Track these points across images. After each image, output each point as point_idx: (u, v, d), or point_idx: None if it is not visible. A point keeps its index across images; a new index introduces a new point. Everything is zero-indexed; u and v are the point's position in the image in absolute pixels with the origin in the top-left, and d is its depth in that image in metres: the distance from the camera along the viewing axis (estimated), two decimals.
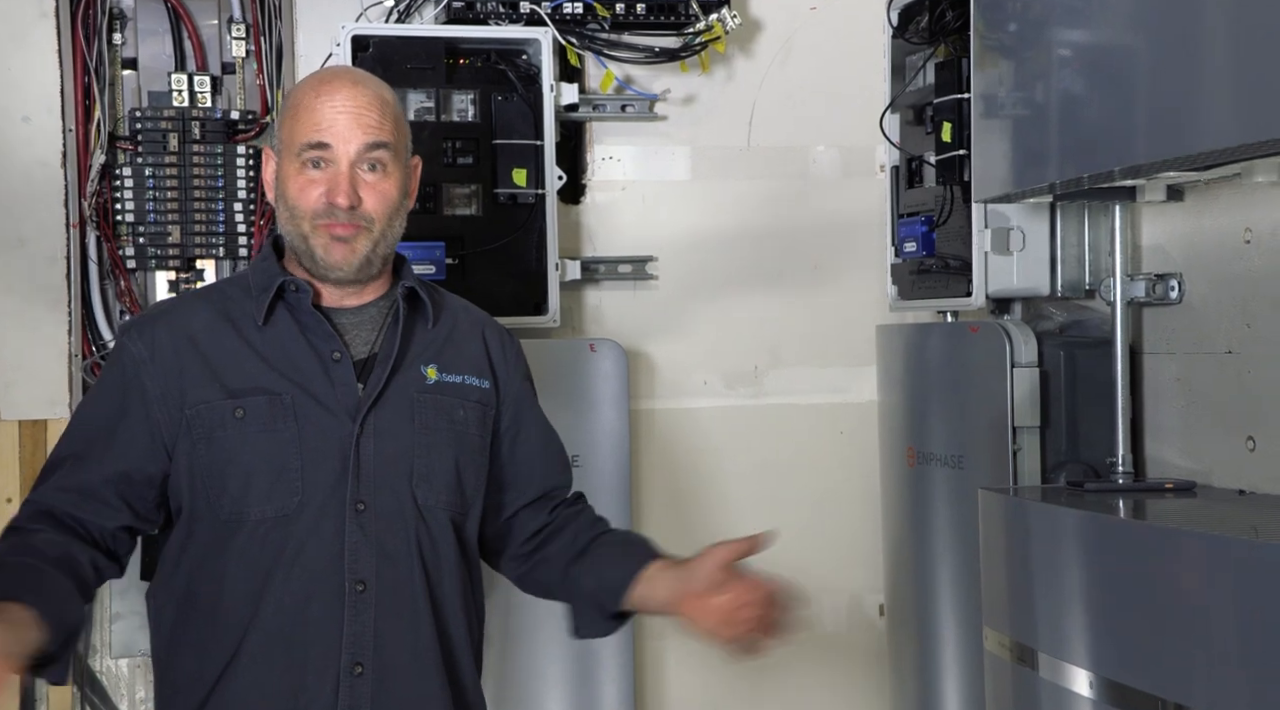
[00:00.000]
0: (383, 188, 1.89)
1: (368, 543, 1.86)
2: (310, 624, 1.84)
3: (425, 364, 1.95)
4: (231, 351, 1.88)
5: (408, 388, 1.92)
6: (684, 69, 3.08)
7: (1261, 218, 2.33)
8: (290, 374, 1.87)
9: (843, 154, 3.20)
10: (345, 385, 1.88)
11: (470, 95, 2.85)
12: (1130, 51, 2.16)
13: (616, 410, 2.90)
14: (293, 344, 1.89)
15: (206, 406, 1.85)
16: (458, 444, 1.95)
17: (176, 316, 1.92)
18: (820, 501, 3.19)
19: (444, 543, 1.93)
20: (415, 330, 1.96)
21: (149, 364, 1.87)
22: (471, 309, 2.08)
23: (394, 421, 1.90)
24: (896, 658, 3.10)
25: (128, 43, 2.94)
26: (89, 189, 2.85)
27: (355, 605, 1.85)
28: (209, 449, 1.85)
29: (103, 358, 2.85)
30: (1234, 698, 1.89)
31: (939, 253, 2.81)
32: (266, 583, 1.84)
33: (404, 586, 1.88)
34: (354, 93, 1.89)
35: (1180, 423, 2.52)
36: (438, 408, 1.94)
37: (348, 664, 1.84)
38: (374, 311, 1.95)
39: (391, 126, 1.90)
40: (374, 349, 1.92)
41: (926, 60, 2.86)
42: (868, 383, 3.19)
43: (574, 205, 3.09)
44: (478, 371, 2.00)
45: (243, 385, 1.86)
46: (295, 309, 1.90)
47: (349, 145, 1.86)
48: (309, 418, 1.85)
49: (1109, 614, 2.14)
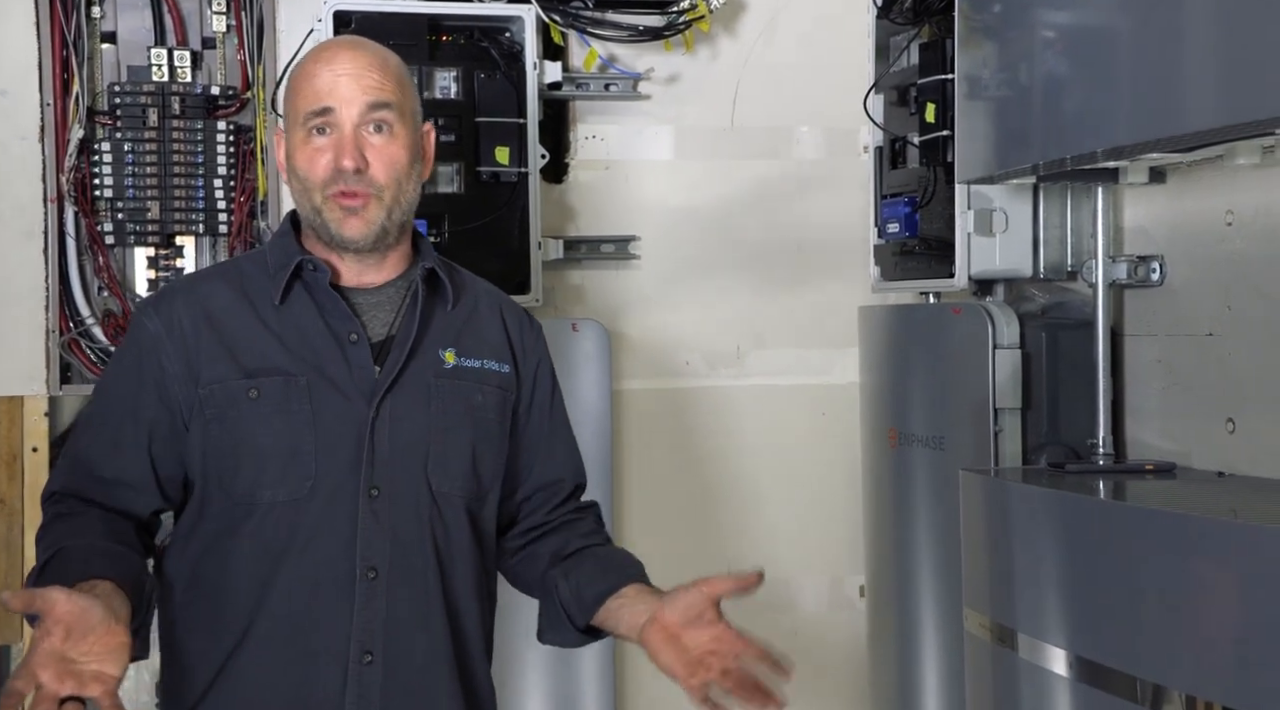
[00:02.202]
0: (390, 151, 1.84)
1: (380, 529, 1.82)
2: (320, 610, 1.80)
3: (444, 347, 1.90)
4: (247, 330, 1.84)
5: (425, 371, 1.88)
6: (668, 48, 3.07)
7: (1243, 200, 2.33)
8: (306, 355, 1.83)
9: (826, 134, 3.20)
10: (362, 368, 1.84)
11: (453, 73, 2.83)
12: (1113, 34, 2.16)
13: (599, 390, 2.90)
14: (309, 324, 1.85)
15: (220, 386, 1.82)
16: (475, 430, 1.91)
17: (194, 294, 1.88)
18: (802, 483, 3.19)
19: (458, 530, 1.89)
20: (434, 312, 1.91)
21: (166, 341, 1.83)
22: (492, 290, 2.04)
23: (410, 406, 1.85)
24: (877, 639, 3.11)
25: (107, 16, 2.91)
26: (67, 164, 2.82)
27: (366, 592, 1.81)
28: (221, 429, 1.82)
29: (80, 334, 2.84)
30: (1212, 678, 1.90)
31: (922, 234, 2.81)
32: (277, 567, 1.80)
33: (417, 574, 1.84)
34: (354, 55, 1.85)
35: (1161, 404, 2.53)
36: (455, 392, 1.89)
37: (357, 652, 1.80)
38: (392, 292, 1.90)
39: (394, 86, 1.85)
40: (392, 330, 1.88)
41: (910, 41, 2.85)
42: (850, 364, 3.20)
43: (557, 184, 3.08)
44: (497, 355, 1.95)
45: (258, 365, 1.82)
46: (313, 288, 1.86)
47: (351, 107, 1.82)
48: (324, 400, 1.81)
49: (1088, 595, 2.15)
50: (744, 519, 3.16)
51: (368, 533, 1.82)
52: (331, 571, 1.81)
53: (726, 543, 3.15)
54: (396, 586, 1.83)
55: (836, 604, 3.22)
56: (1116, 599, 2.07)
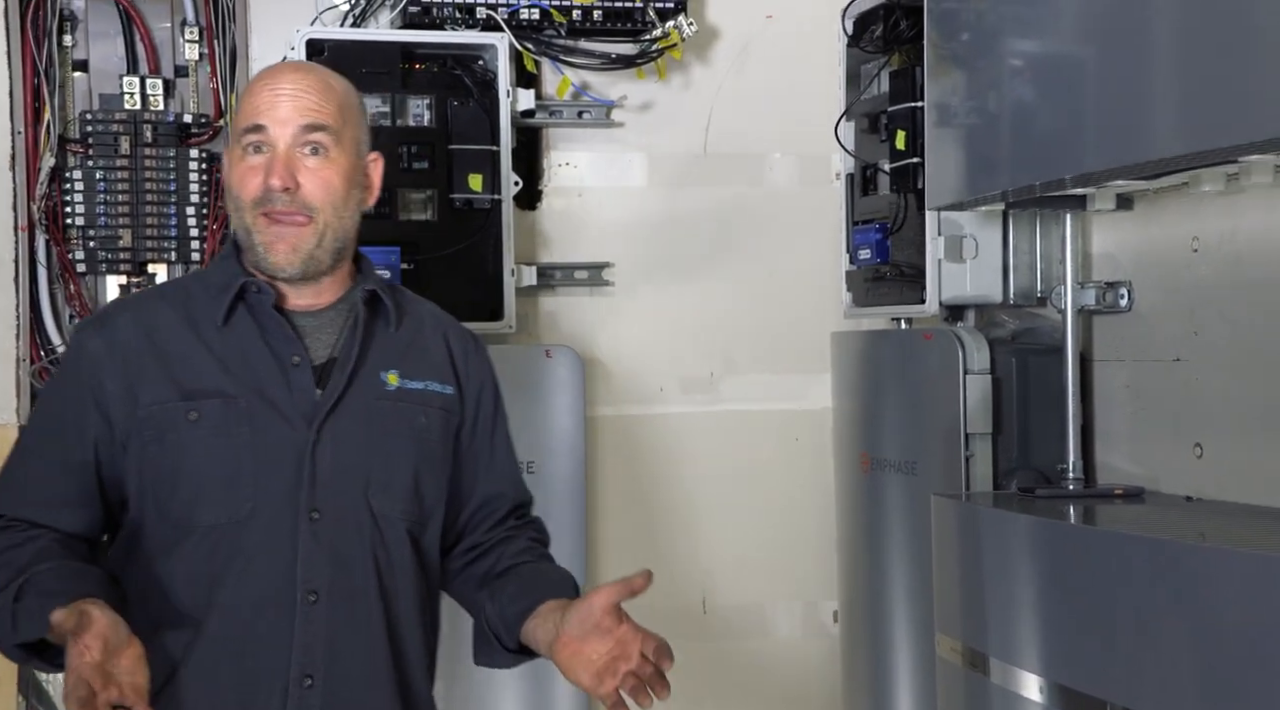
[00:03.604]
0: (324, 174, 1.82)
1: (321, 551, 1.81)
2: (260, 634, 1.80)
3: (386, 369, 1.90)
4: (189, 352, 1.83)
5: (367, 394, 1.87)
6: (641, 76, 3.08)
7: (1209, 227, 2.36)
8: (247, 378, 1.82)
9: (798, 161, 3.22)
10: (303, 390, 1.84)
11: (426, 100, 2.84)
12: (1081, 62, 2.18)
13: (572, 417, 2.90)
14: (251, 347, 1.84)
15: (160, 407, 1.81)
16: (418, 452, 1.90)
17: (136, 314, 1.88)
18: (775, 508, 3.19)
19: (400, 553, 1.88)
20: (375, 334, 1.90)
21: (107, 361, 1.82)
22: (437, 311, 2.03)
23: (352, 429, 1.85)
24: (850, 664, 3.11)
25: (79, 44, 2.91)
26: (38, 192, 2.82)
27: (307, 615, 1.80)
28: (160, 450, 1.81)
29: (51, 362, 2.82)
30: (1182, 702, 1.91)
31: (893, 260, 2.82)
32: (214, 591, 1.79)
33: (358, 597, 1.84)
34: (297, 76, 1.85)
35: (1129, 429, 2.55)
36: (398, 414, 1.89)
37: (297, 675, 1.79)
38: (334, 314, 1.90)
39: (334, 110, 1.84)
40: (334, 353, 1.87)
41: (881, 69, 2.88)
42: (822, 389, 3.21)
43: (530, 211, 3.08)
44: (441, 377, 1.95)
45: (197, 387, 1.82)
46: (256, 310, 1.86)
47: (286, 127, 1.81)
48: (264, 423, 1.81)
49: (1059, 619, 2.16)
50: (717, 545, 3.16)
51: (308, 555, 1.81)
52: (272, 594, 1.80)
53: (700, 569, 3.15)
54: (338, 610, 1.82)
55: (810, 629, 3.22)
56: (1087, 623, 2.08)
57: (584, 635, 1.76)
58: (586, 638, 1.76)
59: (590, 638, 1.76)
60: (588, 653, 1.76)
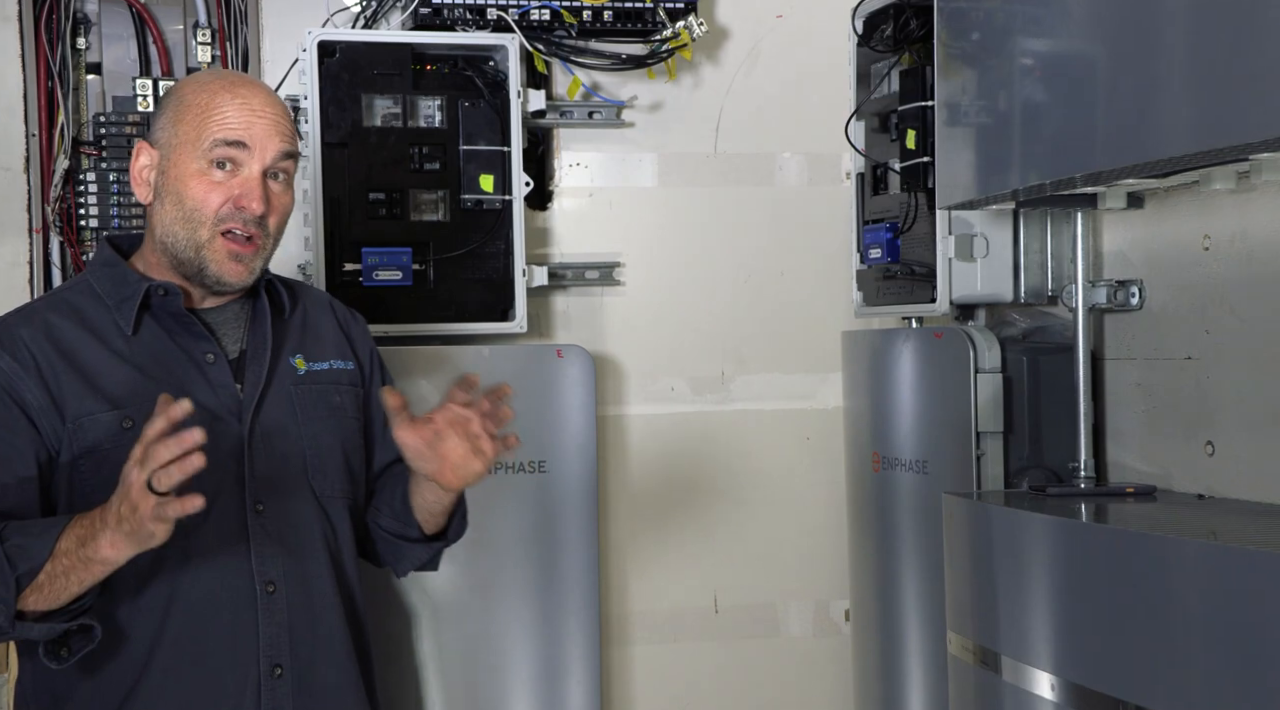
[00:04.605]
0: (284, 200, 1.90)
1: (272, 543, 1.84)
2: (224, 632, 1.81)
3: (292, 355, 1.95)
4: (103, 363, 1.83)
5: (284, 381, 1.92)
6: (651, 76, 3.09)
7: (1220, 225, 2.36)
8: (169, 381, 1.83)
9: (809, 161, 3.22)
10: (224, 386, 1.86)
11: (437, 101, 2.85)
12: (1091, 60, 2.18)
13: (583, 416, 2.90)
14: (163, 350, 1.85)
15: (90, 419, 1.80)
16: (340, 430, 1.96)
17: (33, 327, 1.85)
18: (786, 507, 3.20)
19: (344, 531, 1.95)
20: (275, 323, 1.95)
21: (21, 374, 1.80)
22: (313, 289, 2.09)
23: (280, 418, 1.89)
24: (861, 663, 3.11)
25: (92, 47, 2.92)
26: (52, 194, 2.83)
27: (268, 607, 1.83)
28: (93, 462, 1.79)
29: None
30: (1193, 700, 1.90)
31: (904, 259, 2.83)
32: (172, 596, 1.80)
33: (314, 581, 1.89)
34: (269, 99, 1.88)
35: (1141, 428, 2.55)
36: (316, 397, 1.94)
37: (267, 667, 1.82)
38: (236, 308, 1.93)
39: (294, 136, 1.91)
40: (243, 345, 1.91)
41: (891, 68, 2.88)
42: (833, 389, 3.21)
43: (541, 211, 3.09)
44: (340, 354, 2.01)
45: (124, 395, 1.81)
46: (159, 314, 1.86)
47: (266, 152, 1.84)
48: (196, 423, 1.74)
49: (1072, 618, 2.16)
50: (729, 544, 3.17)
51: (261, 549, 1.84)
52: (230, 592, 1.82)
53: (711, 568, 3.16)
54: (296, 597, 1.86)
55: (822, 628, 3.23)
56: (1099, 621, 2.08)
57: (439, 445, 1.81)
58: (441, 446, 1.81)
59: (444, 442, 1.81)
60: (447, 453, 1.81)
